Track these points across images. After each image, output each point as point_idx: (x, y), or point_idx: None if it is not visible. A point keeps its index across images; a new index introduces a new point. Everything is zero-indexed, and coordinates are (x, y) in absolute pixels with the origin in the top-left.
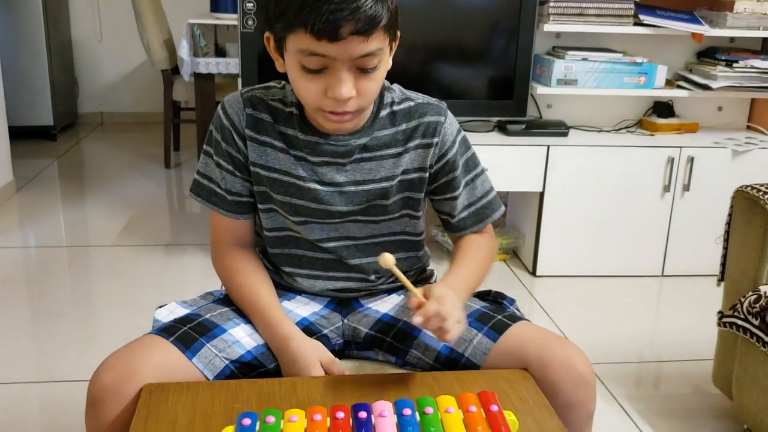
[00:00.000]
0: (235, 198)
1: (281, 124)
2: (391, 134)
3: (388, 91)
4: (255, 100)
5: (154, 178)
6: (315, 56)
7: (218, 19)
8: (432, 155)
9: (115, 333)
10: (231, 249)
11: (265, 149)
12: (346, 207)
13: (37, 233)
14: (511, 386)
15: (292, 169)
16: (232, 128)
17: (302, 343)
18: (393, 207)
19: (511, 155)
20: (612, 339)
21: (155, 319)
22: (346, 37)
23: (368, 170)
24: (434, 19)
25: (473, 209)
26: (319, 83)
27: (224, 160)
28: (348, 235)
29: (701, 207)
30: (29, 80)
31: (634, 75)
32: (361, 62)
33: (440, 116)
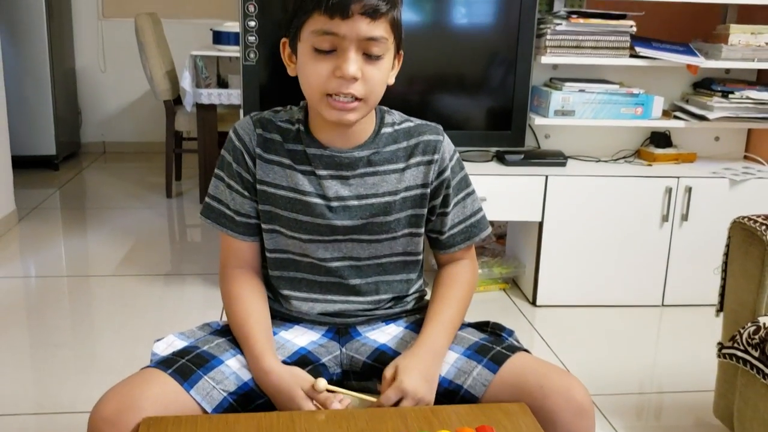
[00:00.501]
0: (243, 219)
1: (289, 142)
2: (392, 150)
3: (388, 114)
4: (264, 122)
5: (156, 207)
6: (327, 35)
7: (220, 51)
8: (432, 172)
9: (114, 363)
10: (235, 273)
11: (272, 167)
12: (350, 221)
13: (37, 263)
14: (510, 420)
15: (299, 184)
16: (243, 149)
17: (281, 375)
18: (396, 224)
19: (510, 185)
20: (612, 370)
21: (153, 353)
22: (355, 16)
23: (372, 184)
24: (433, 50)
25: (462, 227)
26: (328, 64)
27: (235, 181)
28: (351, 255)
29: (700, 237)
30: (33, 110)
31: (631, 106)
32: (367, 45)
33: (439, 135)
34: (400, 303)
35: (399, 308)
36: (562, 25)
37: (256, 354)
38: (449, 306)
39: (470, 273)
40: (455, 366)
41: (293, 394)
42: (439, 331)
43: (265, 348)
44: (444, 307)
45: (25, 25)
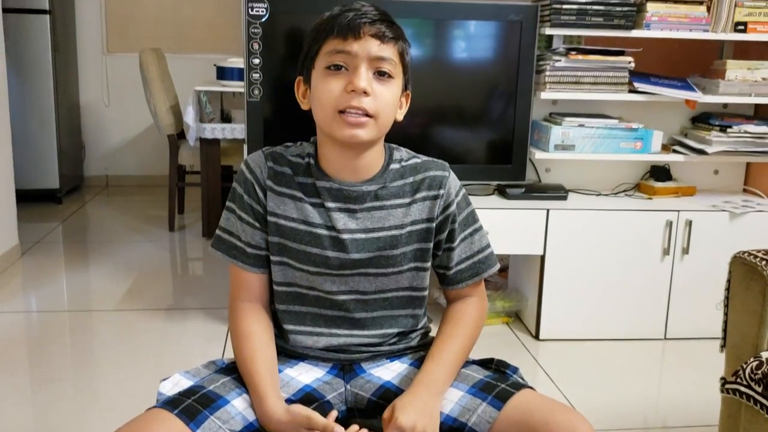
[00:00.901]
0: (254, 251)
1: (300, 176)
2: (399, 185)
3: (396, 150)
4: (276, 155)
5: (159, 241)
6: (340, 54)
7: (224, 86)
8: (438, 206)
9: (116, 399)
10: (245, 307)
11: (283, 199)
12: (358, 254)
13: (40, 298)
14: None
15: (308, 217)
16: (254, 181)
17: (281, 418)
18: (402, 258)
19: (512, 219)
20: (616, 404)
21: (159, 392)
22: (365, 36)
23: (378, 218)
24: (435, 85)
25: (470, 263)
26: (340, 81)
27: (246, 213)
28: (357, 288)
29: (701, 270)
30: (37, 144)
31: (631, 140)
32: (377, 64)
33: (445, 171)
34: (404, 339)
35: (403, 344)
36: (561, 61)
37: (260, 394)
38: (452, 343)
39: (477, 310)
40: (459, 404)
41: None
42: (439, 368)
43: (268, 388)
44: (446, 344)
45: (30, 59)
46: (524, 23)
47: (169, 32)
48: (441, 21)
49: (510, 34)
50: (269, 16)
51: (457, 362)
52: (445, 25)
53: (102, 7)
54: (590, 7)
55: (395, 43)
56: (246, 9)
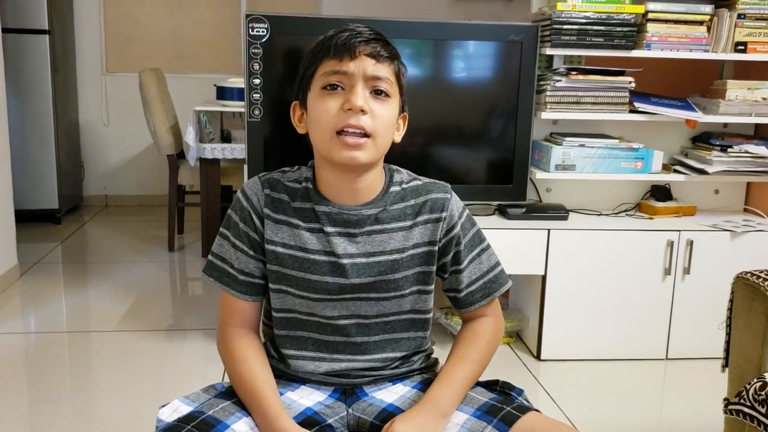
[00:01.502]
0: (246, 278)
1: (297, 201)
2: (400, 208)
3: (397, 173)
4: (273, 182)
5: (158, 261)
6: (336, 74)
7: (224, 106)
8: (441, 230)
9: (115, 421)
10: (236, 332)
11: (281, 227)
12: (358, 279)
13: (38, 318)
14: None
15: (307, 243)
16: (251, 209)
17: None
18: (404, 282)
19: (512, 239)
20: (618, 425)
21: (158, 419)
22: (360, 56)
23: (379, 242)
24: (435, 105)
25: (480, 283)
26: (337, 100)
27: (241, 241)
28: (358, 313)
29: (703, 290)
30: (36, 164)
31: (631, 160)
32: (373, 83)
33: (446, 194)
34: (407, 362)
35: (406, 368)
36: (562, 81)
37: (271, 415)
38: (462, 366)
39: (492, 330)
40: (465, 427)
41: None
42: (446, 390)
43: (279, 408)
44: (457, 367)
45: (30, 79)
46: (525, 43)
47: (168, 52)
48: (441, 41)
49: (510, 54)
50: (269, 37)
51: (466, 385)
52: (445, 45)
53: (101, 27)
54: (591, 28)
55: (391, 63)
56: (246, 29)
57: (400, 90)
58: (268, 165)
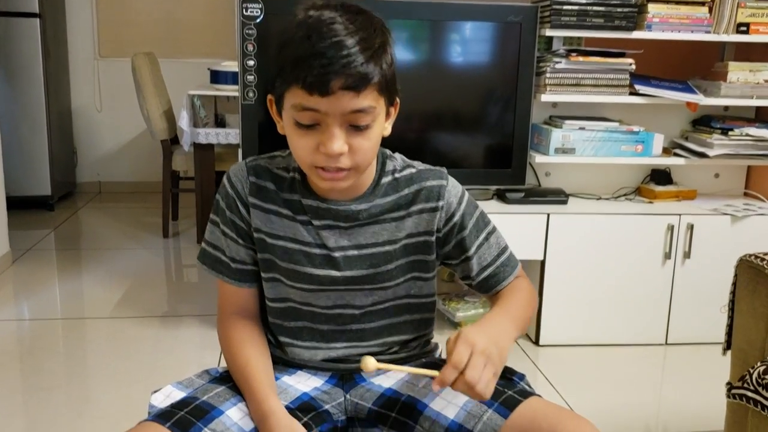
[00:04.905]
0: (239, 266)
1: (285, 191)
2: (393, 200)
3: (390, 159)
4: (259, 169)
5: (152, 247)
6: (307, 111)
7: (218, 90)
8: (439, 219)
9: (109, 408)
10: (233, 319)
11: (269, 217)
12: (350, 272)
13: (32, 305)
14: None
15: (298, 235)
16: (236, 197)
17: (280, 421)
18: (397, 272)
19: (511, 223)
20: (617, 410)
21: (151, 405)
22: (337, 92)
23: (371, 234)
24: (433, 88)
25: (492, 269)
26: (311, 139)
27: (229, 228)
28: (353, 303)
29: (703, 274)
30: (28, 150)
31: (631, 143)
32: (352, 118)
33: (442, 180)
34: (405, 348)
35: (405, 353)
36: (562, 63)
37: (258, 397)
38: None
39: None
40: (465, 409)
41: None
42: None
43: (268, 391)
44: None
45: (20, 64)
46: (524, 24)
47: (161, 36)
48: (438, 22)
49: (509, 35)
50: (264, 17)
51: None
52: (442, 26)
53: (94, 10)
54: (591, 8)
55: (373, 84)
56: (240, 10)
57: (388, 91)
58: (263, 149)
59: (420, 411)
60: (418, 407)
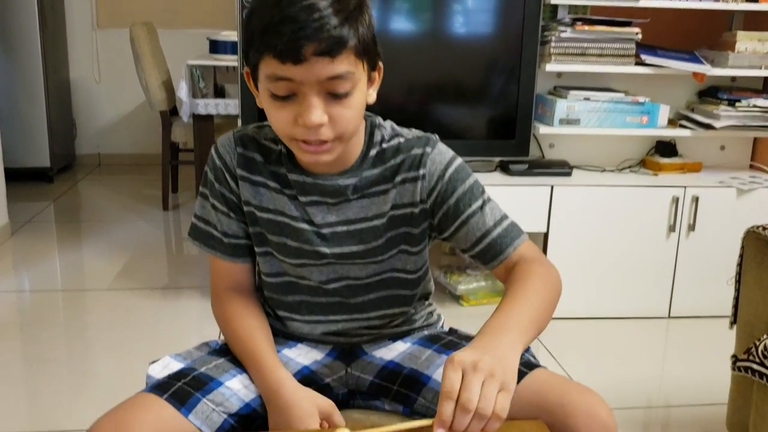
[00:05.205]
0: (232, 240)
1: (272, 164)
2: (379, 172)
3: (378, 129)
4: (246, 140)
5: (152, 220)
6: (281, 81)
7: (217, 60)
8: (421, 189)
9: (110, 379)
10: (229, 294)
11: (258, 189)
12: (340, 249)
13: (31, 277)
14: None
15: (286, 209)
16: (224, 168)
17: (296, 391)
18: (389, 245)
19: (514, 195)
20: (619, 383)
21: (148, 375)
22: (310, 58)
23: (360, 208)
24: (436, 58)
25: (488, 241)
26: (289, 111)
27: (219, 202)
28: (347, 275)
29: (707, 247)
30: (26, 121)
31: (637, 114)
32: (330, 86)
33: (426, 147)
34: (408, 321)
35: (407, 326)
36: (567, 32)
37: (267, 368)
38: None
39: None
40: None
41: (305, 412)
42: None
43: (276, 362)
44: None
45: (17, 35)
46: None
47: (160, 6)
48: None
49: (513, 4)
50: None
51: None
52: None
53: None
54: None
55: (349, 47)
56: None
57: (368, 56)
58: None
59: (423, 383)
60: (421, 379)
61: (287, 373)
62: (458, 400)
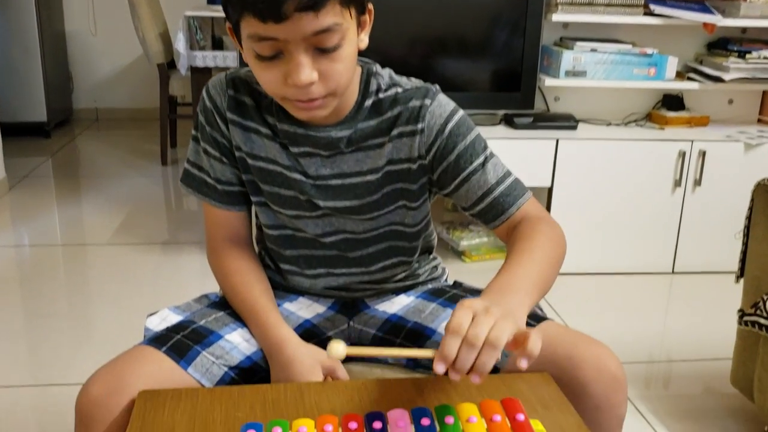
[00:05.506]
0: (225, 188)
1: (264, 111)
2: (375, 125)
3: (374, 77)
4: (238, 82)
5: (151, 175)
6: (265, 41)
7: (215, 11)
8: (420, 144)
9: (110, 334)
10: (226, 245)
11: (249, 135)
12: (334, 203)
13: (30, 232)
14: (533, 391)
15: (278, 157)
16: (214, 110)
17: (298, 347)
18: (385, 200)
19: (519, 149)
20: (622, 338)
21: (146, 328)
22: (292, 15)
23: (354, 162)
24: (439, 8)
25: (490, 200)
26: (277, 71)
27: (210, 146)
28: (344, 228)
29: (713, 202)
30: (22, 75)
31: (644, 66)
32: (317, 41)
33: (426, 99)
34: (411, 276)
35: (411, 281)
36: None
37: (268, 324)
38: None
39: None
40: None
41: (308, 368)
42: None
43: (278, 318)
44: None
45: None
46: None
47: None
48: None
49: None
50: None
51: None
52: None
53: None
54: None
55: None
56: None
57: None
58: None
59: (428, 337)
60: (425, 333)
61: (289, 329)
62: (465, 336)
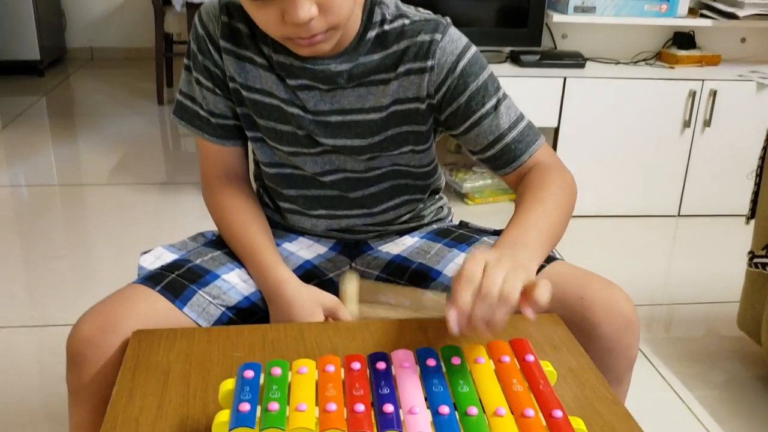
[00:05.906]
0: (219, 121)
1: (259, 39)
2: (379, 59)
3: (379, 6)
4: (232, 8)
5: (147, 115)
6: None
7: None
8: (429, 82)
9: (108, 274)
10: (222, 182)
11: (244, 65)
12: (334, 141)
13: (26, 171)
14: (542, 332)
15: (275, 89)
16: (207, 38)
17: (298, 289)
18: (389, 143)
19: (525, 88)
20: (627, 281)
21: (140, 266)
22: None
23: (356, 98)
24: None
25: (502, 145)
26: (273, 9)
27: (203, 76)
28: (344, 167)
29: (723, 143)
30: (12, 11)
31: (656, 2)
32: None
33: (436, 33)
34: (416, 217)
35: (415, 222)
36: None
37: (266, 266)
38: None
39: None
40: None
41: (309, 309)
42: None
43: (276, 258)
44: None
45: None
46: None
47: None
48: None
49: None
50: None
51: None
52: None
53: None
54: None
55: None
56: None
57: None
58: None
59: (432, 278)
60: (431, 275)
61: (288, 271)
62: (479, 288)
